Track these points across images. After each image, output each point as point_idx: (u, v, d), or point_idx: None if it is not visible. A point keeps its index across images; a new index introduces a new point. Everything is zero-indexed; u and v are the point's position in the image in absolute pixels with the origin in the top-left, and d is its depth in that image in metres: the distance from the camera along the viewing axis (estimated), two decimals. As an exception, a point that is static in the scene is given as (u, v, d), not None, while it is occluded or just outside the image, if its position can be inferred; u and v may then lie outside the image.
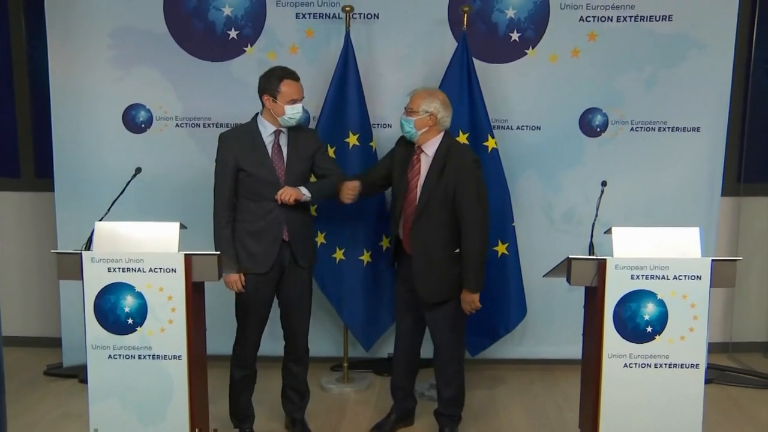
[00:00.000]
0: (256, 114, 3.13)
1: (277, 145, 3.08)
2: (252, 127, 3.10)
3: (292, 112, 3.02)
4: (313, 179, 3.19)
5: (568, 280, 2.70)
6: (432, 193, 3.00)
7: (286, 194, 3.00)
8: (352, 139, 3.73)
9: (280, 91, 3.01)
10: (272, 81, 3.02)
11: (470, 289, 3.03)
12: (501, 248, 3.79)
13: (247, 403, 3.25)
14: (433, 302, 3.07)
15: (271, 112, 3.04)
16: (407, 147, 3.13)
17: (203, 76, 3.91)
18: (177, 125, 3.97)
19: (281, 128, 3.09)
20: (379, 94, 3.90)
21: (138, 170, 3.17)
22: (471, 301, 3.05)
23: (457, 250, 3.03)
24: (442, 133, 3.08)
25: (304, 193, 3.05)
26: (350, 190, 3.13)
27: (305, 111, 3.68)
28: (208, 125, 3.96)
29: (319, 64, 3.87)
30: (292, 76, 3.04)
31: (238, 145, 3.05)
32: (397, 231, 3.13)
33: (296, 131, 3.15)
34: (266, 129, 3.09)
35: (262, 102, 3.06)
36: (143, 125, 3.97)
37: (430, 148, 3.06)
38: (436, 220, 3.01)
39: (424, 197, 3.01)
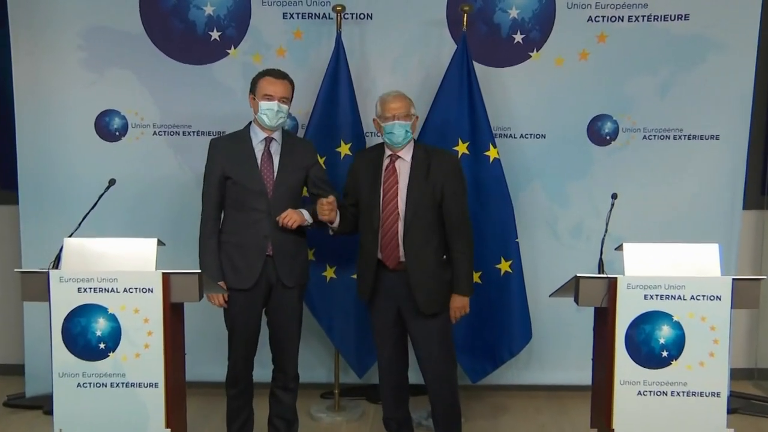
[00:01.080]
0: (250, 122, 3.19)
1: (267, 153, 3.12)
2: (243, 133, 3.16)
3: (265, 108, 3.06)
4: (304, 193, 3.23)
5: (577, 301, 2.71)
6: (420, 196, 3.06)
7: (290, 218, 3.04)
8: (344, 149, 3.74)
9: (258, 86, 3.10)
10: (255, 78, 3.13)
11: (463, 292, 3.10)
12: (504, 266, 3.79)
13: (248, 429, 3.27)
14: (429, 313, 3.09)
15: (254, 112, 3.11)
16: (371, 159, 3.18)
17: (183, 80, 3.91)
18: (154, 133, 3.97)
19: (273, 136, 3.13)
20: (373, 99, 3.77)
21: (112, 182, 3.15)
22: (462, 306, 3.12)
23: (444, 256, 3.12)
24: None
25: (307, 218, 3.10)
26: (327, 204, 3.06)
27: (293, 118, 3.70)
28: (189, 133, 3.97)
29: (308, 67, 3.88)
30: (275, 73, 3.12)
31: (226, 152, 3.11)
32: (374, 250, 3.12)
33: (291, 141, 3.20)
34: (257, 136, 3.13)
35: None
36: (117, 133, 3.96)
37: (407, 153, 3.13)
38: (426, 225, 3.07)
39: (412, 202, 3.06)
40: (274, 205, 3.08)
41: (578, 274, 2.69)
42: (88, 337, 2.63)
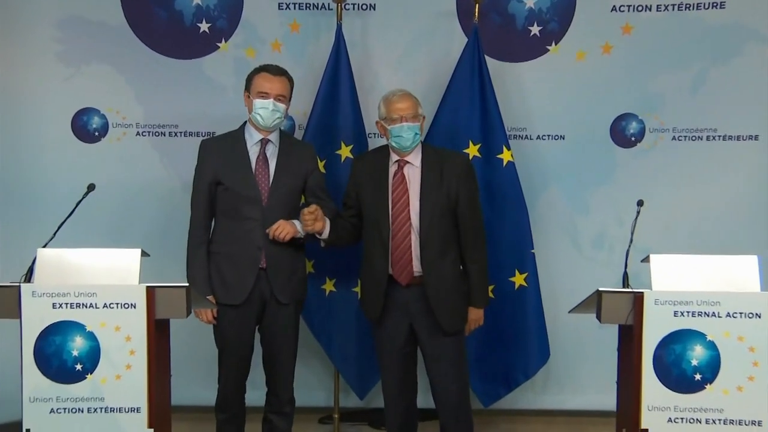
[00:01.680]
0: (245, 122, 3.20)
1: (262, 156, 3.13)
2: (237, 134, 3.17)
3: (260, 106, 3.08)
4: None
5: (599, 317, 2.70)
6: (435, 204, 3.07)
7: (282, 230, 3.04)
8: (345, 151, 3.75)
9: (253, 83, 3.12)
10: (250, 75, 3.16)
11: (478, 304, 3.18)
12: (519, 279, 3.79)
13: None
14: (452, 331, 3.12)
15: (248, 111, 3.14)
16: (374, 165, 3.19)
17: (169, 76, 3.92)
18: (137, 134, 3.96)
19: (269, 137, 3.14)
20: (376, 98, 3.78)
21: (91, 187, 3.13)
22: (478, 318, 3.20)
23: (461, 267, 3.16)
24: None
25: (299, 230, 3.10)
26: (308, 215, 3.04)
27: (289, 118, 3.71)
28: (175, 134, 3.96)
29: (305, 63, 3.89)
30: (272, 69, 3.14)
31: (218, 154, 3.12)
32: (384, 265, 3.12)
33: (289, 143, 3.22)
34: (252, 137, 3.15)
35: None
36: (96, 133, 3.95)
37: (416, 158, 3.14)
38: (443, 235, 3.09)
39: (427, 212, 3.07)
40: (269, 213, 3.08)
41: (600, 289, 2.68)
42: (64, 357, 2.61)
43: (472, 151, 3.68)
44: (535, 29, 3.92)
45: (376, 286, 3.14)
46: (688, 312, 2.59)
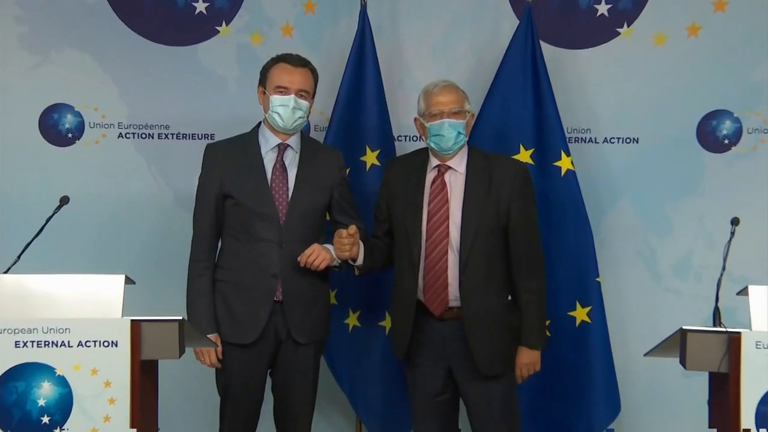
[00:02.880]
0: (259, 122, 3.23)
1: (280, 165, 3.15)
2: (250, 138, 3.20)
3: (278, 104, 3.09)
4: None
5: (683, 363, 2.67)
6: (481, 218, 3.07)
7: (316, 256, 3.05)
8: (371, 158, 3.78)
9: (269, 76, 3.15)
10: (266, 66, 3.19)
11: (534, 345, 3.15)
12: (580, 314, 3.76)
13: None
14: (493, 375, 3.10)
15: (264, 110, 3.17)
16: (410, 170, 3.21)
17: (158, 66, 3.93)
18: (120, 135, 3.96)
19: (288, 142, 3.16)
20: (406, 93, 3.90)
21: (63, 200, 3.13)
22: (533, 362, 3.18)
23: (510, 297, 3.17)
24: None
25: (335, 257, 3.11)
26: (347, 238, 3.05)
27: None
28: (166, 136, 3.97)
29: (322, 52, 3.90)
30: (292, 60, 3.15)
31: (226, 162, 3.14)
32: (413, 289, 3.12)
33: (312, 149, 3.24)
34: (267, 141, 3.17)
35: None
36: (70, 135, 3.95)
37: (460, 162, 3.16)
38: (488, 257, 3.10)
39: (471, 226, 3.07)
40: (287, 233, 3.09)
41: (685, 327, 2.65)
42: (27, 408, 2.58)
43: (524, 157, 3.66)
44: (602, 8, 3.91)
45: (403, 315, 3.16)
46: (798, 357, 2.56)
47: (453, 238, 3.07)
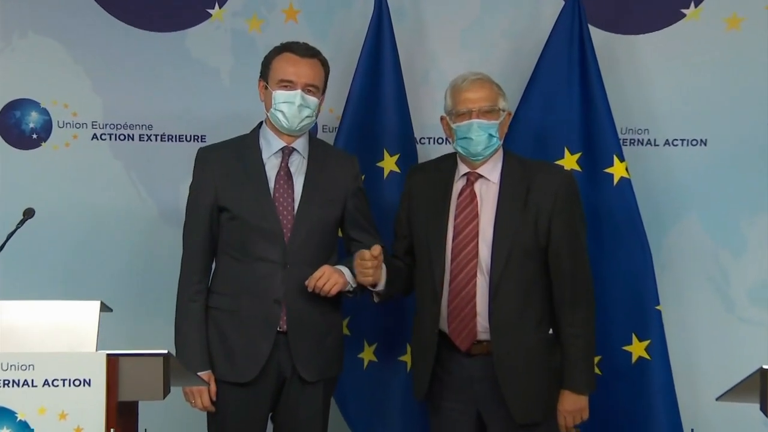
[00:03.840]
0: (261, 122, 3.25)
1: (285, 172, 3.16)
2: (249, 141, 3.21)
3: (282, 100, 3.09)
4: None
5: (764, 409, 2.56)
6: (516, 236, 3.05)
7: (326, 280, 3.04)
8: (389, 163, 3.81)
9: (272, 68, 3.17)
10: (269, 56, 3.21)
11: (580, 389, 3.10)
12: (638, 348, 3.73)
13: None
14: (528, 423, 3.08)
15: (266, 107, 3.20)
16: (435, 179, 3.22)
17: (140, 55, 3.96)
18: (95, 137, 3.98)
19: (294, 145, 3.17)
20: (432, 90, 3.91)
21: (28, 213, 3.14)
22: (579, 409, 3.12)
23: (551, 331, 3.15)
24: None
25: (350, 281, 3.12)
26: (370, 260, 3.04)
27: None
28: (148, 138, 3.99)
29: (332, 40, 3.92)
30: (298, 49, 3.16)
31: (221, 169, 3.15)
32: (435, 318, 3.12)
33: (322, 153, 3.25)
34: (269, 145, 3.18)
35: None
36: (35, 136, 3.97)
37: (493, 170, 3.15)
38: (525, 283, 3.08)
39: (504, 245, 3.05)
40: (293, 253, 3.10)
41: (766, 366, 2.51)
42: (-17, 459, 2.62)
43: (570, 162, 3.67)
44: (663, -14, 3.86)
45: (424, 349, 3.16)
46: None
47: (483, 259, 3.06)
